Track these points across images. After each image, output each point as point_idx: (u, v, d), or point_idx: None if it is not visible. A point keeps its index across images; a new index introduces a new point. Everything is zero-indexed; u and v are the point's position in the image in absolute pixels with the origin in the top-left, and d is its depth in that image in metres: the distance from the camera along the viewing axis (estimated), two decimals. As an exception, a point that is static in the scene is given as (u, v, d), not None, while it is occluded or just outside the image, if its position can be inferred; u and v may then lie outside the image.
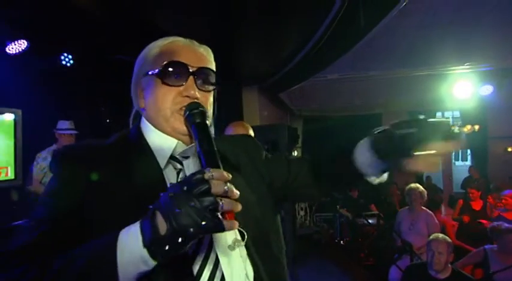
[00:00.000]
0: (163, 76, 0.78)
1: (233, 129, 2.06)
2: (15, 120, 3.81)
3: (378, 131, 0.86)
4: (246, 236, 0.75)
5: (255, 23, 3.69)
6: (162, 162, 0.79)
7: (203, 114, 0.75)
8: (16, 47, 3.43)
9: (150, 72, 0.79)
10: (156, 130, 0.81)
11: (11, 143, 3.30)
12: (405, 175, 8.59)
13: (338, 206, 6.26)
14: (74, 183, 0.73)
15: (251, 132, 2.06)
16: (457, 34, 4.38)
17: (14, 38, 3.38)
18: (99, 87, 4.49)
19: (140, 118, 0.87)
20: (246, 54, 4.72)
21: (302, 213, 7.32)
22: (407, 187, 3.97)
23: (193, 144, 0.77)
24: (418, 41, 4.57)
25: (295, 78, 5.72)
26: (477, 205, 4.85)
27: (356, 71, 5.89)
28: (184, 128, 0.78)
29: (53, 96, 3.90)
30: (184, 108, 0.77)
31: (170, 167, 0.80)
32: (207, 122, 0.76)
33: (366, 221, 5.36)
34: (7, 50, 3.38)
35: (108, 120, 4.85)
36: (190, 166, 0.82)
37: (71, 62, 3.85)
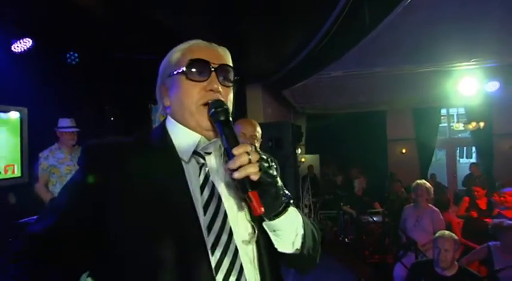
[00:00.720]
0: (188, 73, 0.83)
1: (241, 127, 2.01)
2: (21, 118, 3.83)
3: None
4: (256, 231, 0.79)
5: (258, 20, 3.67)
6: (185, 157, 0.83)
7: (227, 111, 0.80)
8: (21, 45, 3.45)
9: (174, 72, 0.85)
10: (181, 126, 0.85)
11: (17, 140, 3.32)
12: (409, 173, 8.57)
13: (342, 204, 6.25)
14: (97, 177, 0.77)
15: (259, 130, 2.03)
16: (463, 30, 4.34)
17: (19, 37, 3.39)
18: (103, 86, 4.51)
19: (165, 118, 0.92)
20: (249, 51, 4.71)
21: (306, 210, 7.31)
22: (414, 183, 3.94)
23: (215, 139, 0.83)
24: (423, 37, 4.53)
25: (299, 75, 5.71)
26: (483, 204, 4.82)
27: (360, 68, 5.87)
28: (208, 123, 0.82)
29: (58, 94, 3.91)
30: (208, 103, 0.82)
31: (193, 161, 0.84)
32: (230, 118, 0.80)
33: (370, 219, 5.34)
34: (12, 48, 3.40)
35: (112, 119, 4.87)
36: (212, 161, 0.86)
37: (76, 60, 3.86)
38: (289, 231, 0.80)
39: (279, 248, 0.81)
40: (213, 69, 0.83)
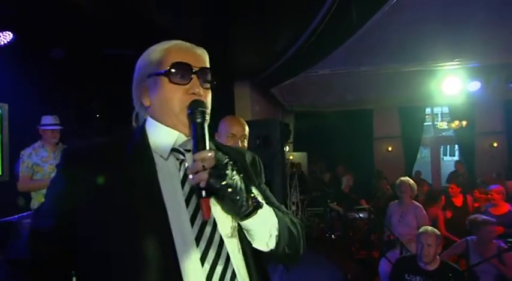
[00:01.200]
0: (171, 75, 0.85)
1: (230, 127, 1.97)
2: (0, 114, 3.72)
3: None
4: (237, 225, 0.84)
5: (247, 18, 3.66)
6: (164, 154, 0.86)
7: (204, 113, 0.83)
8: (1, 39, 3.34)
9: (156, 73, 0.86)
10: (161, 125, 0.87)
11: (-3, 137, 3.22)
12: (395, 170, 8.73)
13: (329, 201, 6.32)
14: (76, 182, 0.80)
15: (246, 129, 2.00)
16: (447, 30, 4.44)
17: (-1, 29, 3.28)
18: (88, 83, 4.41)
19: (145, 118, 0.94)
20: (237, 49, 4.69)
21: (294, 208, 7.35)
22: (398, 180, 4.02)
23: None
24: (409, 37, 4.62)
25: (287, 73, 5.72)
26: (458, 201, 4.95)
27: (348, 67, 5.94)
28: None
29: (40, 90, 3.81)
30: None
31: (172, 158, 0.87)
32: (207, 120, 0.83)
33: (356, 216, 5.41)
34: (-7, 42, 3.29)
35: (97, 116, 4.77)
36: (191, 157, 0.86)
37: (61, 55, 3.76)
38: (261, 232, 0.82)
39: (254, 245, 0.84)
40: (194, 71, 0.86)
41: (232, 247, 0.82)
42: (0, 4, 3.00)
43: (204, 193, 0.73)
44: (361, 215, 5.45)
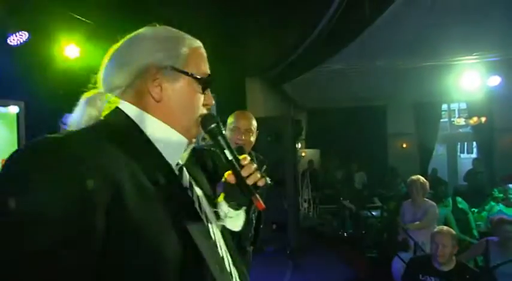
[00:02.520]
0: (204, 84, 0.80)
1: (233, 116, 1.97)
2: (18, 112, 3.81)
3: None
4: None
5: (258, 12, 3.63)
6: (173, 160, 0.78)
7: (220, 125, 0.84)
8: (17, 38, 3.41)
9: (185, 71, 0.76)
10: (168, 126, 0.77)
11: (14, 136, 3.29)
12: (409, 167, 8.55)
13: (342, 199, 6.25)
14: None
15: (254, 123, 1.98)
16: (465, 23, 4.27)
17: (15, 30, 3.35)
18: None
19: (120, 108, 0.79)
20: (249, 44, 4.67)
21: (306, 205, 7.31)
22: (409, 179, 3.94)
23: (192, 144, 0.84)
24: (425, 31, 4.47)
25: (298, 69, 5.66)
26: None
27: (360, 62, 5.81)
28: (196, 133, 0.84)
29: (57, 88, 3.87)
30: (202, 116, 0.82)
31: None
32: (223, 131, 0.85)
33: (369, 214, 5.33)
34: (8, 41, 3.36)
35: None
36: (183, 159, 0.86)
37: (76, 53, 3.81)
38: (241, 216, 0.92)
39: (230, 227, 0.91)
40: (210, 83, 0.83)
41: (218, 236, 0.86)
42: (18, 5, 3.07)
43: (254, 190, 0.83)
44: (373, 213, 5.36)
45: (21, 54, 3.50)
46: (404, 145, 10.22)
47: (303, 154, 9.01)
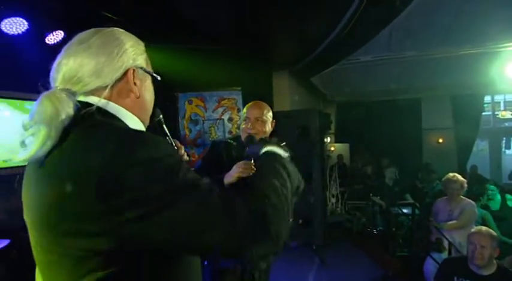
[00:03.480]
0: (154, 83, 0.93)
1: (246, 110, 1.93)
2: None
3: None
4: None
5: (284, 3, 3.55)
6: None
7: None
8: (54, 37, 3.57)
9: (149, 72, 0.90)
10: (139, 120, 0.87)
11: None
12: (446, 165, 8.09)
13: (371, 194, 6.05)
14: None
15: (266, 112, 1.91)
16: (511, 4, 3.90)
17: (52, 29, 3.52)
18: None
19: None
20: (275, 36, 4.59)
21: (333, 200, 7.17)
22: (445, 177, 3.72)
23: None
24: (464, 15, 4.14)
25: (326, 61, 5.50)
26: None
27: (392, 52, 5.51)
28: None
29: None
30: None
31: None
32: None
33: (400, 211, 5.12)
34: (46, 40, 3.53)
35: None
36: None
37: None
38: None
39: None
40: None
41: None
42: (55, 6, 3.21)
43: None
44: (405, 210, 5.14)
45: (58, 53, 3.69)
46: (440, 140, 9.69)
47: (332, 149, 8.85)
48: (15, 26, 3.20)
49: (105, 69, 0.79)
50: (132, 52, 0.84)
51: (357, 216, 6.38)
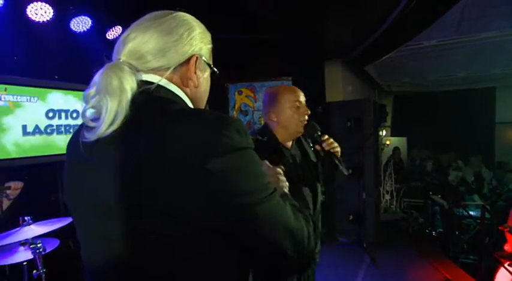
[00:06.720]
0: (215, 77, 0.91)
1: (292, 95, 1.66)
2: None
3: None
4: None
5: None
6: None
7: None
8: (113, 33, 3.77)
9: (210, 65, 0.87)
10: None
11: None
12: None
13: (431, 193, 5.56)
14: None
15: (302, 98, 1.66)
16: None
17: (112, 25, 3.71)
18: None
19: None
20: (327, 23, 4.35)
21: (387, 197, 6.76)
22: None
23: None
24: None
25: (383, 47, 5.09)
26: None
27: (460, 35, 4.88)
28: None
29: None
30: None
31: None
32: None
33: (466, 213, 4.63)
34: (107, 36, 3.73)
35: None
36: None
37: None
38: None
39: None
40: None
41: None
42: (114, 2, 3.37)
43: None
44: (472, 213, 4.63)
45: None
46: (517, 135, 8.58)
47: (388, 142, 8.35)
48: (82, 24, 3.44)
49: (172, 50, 0.78)
50: (200, 40, 0.84)
51: (413, 215, 5.93)
